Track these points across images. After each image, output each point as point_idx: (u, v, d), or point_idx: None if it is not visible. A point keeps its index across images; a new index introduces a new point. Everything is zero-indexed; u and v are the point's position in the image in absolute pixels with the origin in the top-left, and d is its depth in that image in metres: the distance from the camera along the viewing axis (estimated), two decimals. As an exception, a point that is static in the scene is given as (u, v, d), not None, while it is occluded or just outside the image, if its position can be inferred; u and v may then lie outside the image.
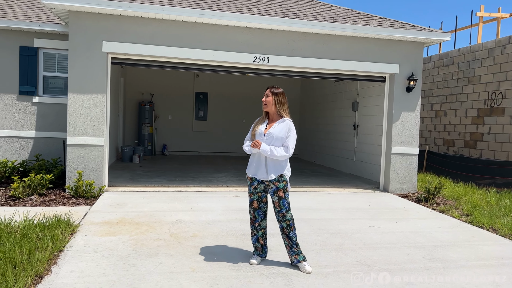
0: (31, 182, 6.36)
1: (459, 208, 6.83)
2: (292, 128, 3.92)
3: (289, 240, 3.96)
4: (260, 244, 4.08)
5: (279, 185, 3.89)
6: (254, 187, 3.98)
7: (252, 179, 3.97)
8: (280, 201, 3.90)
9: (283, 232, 3.97)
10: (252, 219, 4.07)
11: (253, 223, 4.07)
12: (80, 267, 3.74)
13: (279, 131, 3.87)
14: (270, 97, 3.93)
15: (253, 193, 4.01)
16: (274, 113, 3.96)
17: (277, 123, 3.93)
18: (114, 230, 4.90)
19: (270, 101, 3.92)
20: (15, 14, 8.55)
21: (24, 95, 8.41)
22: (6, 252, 3.70)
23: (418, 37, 7.83)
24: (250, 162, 4.01)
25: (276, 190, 3.89)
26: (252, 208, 4.04)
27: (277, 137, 3.85)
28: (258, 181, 3.95)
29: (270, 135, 3.87)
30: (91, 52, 6.85)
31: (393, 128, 8.11)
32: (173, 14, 6.81)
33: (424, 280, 3.81)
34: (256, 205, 4.02)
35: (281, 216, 3.93)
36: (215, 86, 14.09)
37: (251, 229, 4.11)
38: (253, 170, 3.94)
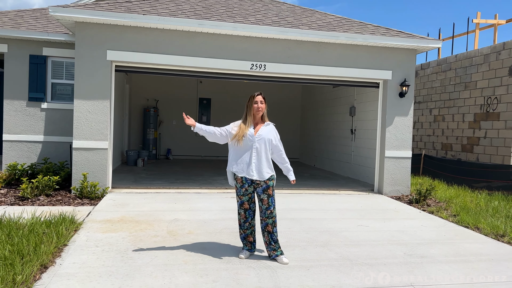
0: (39, 184, 6.73)
1: (448, 209, 7.06)
2: (276, 130, 4.41)
3: (270, 237, 4.23)
4: (249, 241, 4.36)
5: (269, 183, 4.20)
6: (245, 189, 4.23)
7: (242, 181, 4.20)
8: (269, 199, 4.20)
9: (266, 229, 4.24)
10: (242, 220, 4.31)
11: (243, 224, 4.32)
12: (82, 259, 4.07)
13: (267, 133, 4.25)
14: (264, 104, 4.29)
15: (243, 195, 4.26)
16: (259, 118, 4.31)
17: (263, 126, 4.30)
18: (115, 227, 5.23)
19: (264, 107, 4.30)
20: (26, 24, 8.99)
21: (34, 101, 8.82)
22: (14, 245, 4.05)
23: (410, 45, 8.11)
24: (239, 164, 4.21)
25: (266, 188, 4.19)
26: (243, 209, 4.29)
27: (267, 138, 4.21)
28: (249, 183, 4.21)
29: (261, 137, 4.21)
30: (96, 60, 7.24)
31: (386, 132, 8.37)
32: (173, 24, 7.18)
33: (400, 272, 4.07)
34: (247, 206, 4.29)
35: (268, 213, 4.22)
36: (218, 92, 14.45)
37: (240, 229, 4.36)
38: (247, 172, 4.16)
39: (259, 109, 4.26)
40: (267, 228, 4.25)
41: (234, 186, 4.33)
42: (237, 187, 4.29)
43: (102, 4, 7.53)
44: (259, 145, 4.19)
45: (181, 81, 13.97)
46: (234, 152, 4.28)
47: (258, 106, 4.26)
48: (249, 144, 4.20)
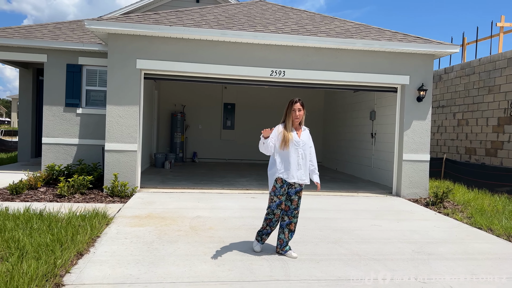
0: (74, 183, 7.31)
1: (464, 212, 7.16)
2: (310, 136, 4.69)
3: (290, 235, 4.53)
4: (267, 235, 4.62)
5: (303, 186, 4.54)
6: (284, 189, 4.45)
7: (283, 182, 4.41)
8: (299, 200, 4.54)
9: (289, 227, 4.53)
10: (275, 218, 4.48)
11: (274, 222, 4.50)
12: (112, 249, 4.53)
13: (307, 138, 4.58)
14: (302, 111, 4.54)
15: (282, 195, 4.45)
16: (298, 123, 4.58)
17: (302, 132, 4.60)
18: (142, 222, 5.69)
19: (302, 115, 4.55)
20: (63, 36, 9.72)
21: (70, 107, 9.52)
22: (54, 234, 4.55)
23: (427, 50, 8.26)
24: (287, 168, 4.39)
25: (300, 190, 4.52)
26: (280, 210, 4.47)
27: (307, 143, 4.54)
28: (288, 184, 4.46)
29: (304, 142, 4.51)
30: (127, 68, 7.79)
31: (404, 136, 8.53)
32: (197, 34, 7.66)
33: (405, 267, 4.31)
34: (283, 206, 4.50)
35: (295, 213, 4.54)
36: (242, 97, 14.90)
37: (267, 226, 4.53)
38: (294, 175, 4.39)
39: (297, 116, 4.48)
40: (289, 226, 4.54)
41: (273, 186, 4.47)
42: (276, 187, 4.43)
43: (132, 17, 8.10)
44: (303, 149, 4.47)
45: (207, 87, 14.50)
46: (280, 157, 4.43)
47: (296, 114, 4.47)
48: (294, 149, 4.42)
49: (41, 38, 9.37)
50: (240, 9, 9.67)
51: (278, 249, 4.60)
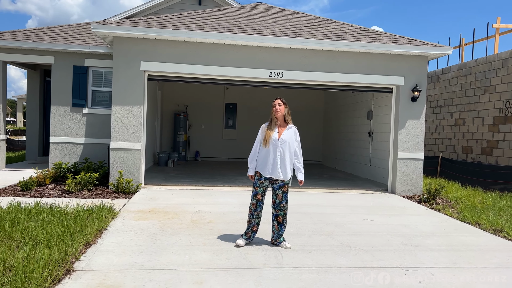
0: (81, 180, 7.65)
1: (455, 208, 7.44)
2: (297, 132, 4.87)
3: (279, 226, 4.83)
4: (253, 230, 4.89)
5: (286, 181, 4.79)
6: (261, 182, 4.81)
7: (260, 175, 4.80)
8: (283, 195, 4.82)
9: (277, 219, 4.84)
10: (252, 209, 4.87)
11: (253, 212, 4.87)
12: (118, 240, 4.85)
13: (290, 136, 4.78)
14: (282, 106, 4.80)
15: (259, 187, 4.82)
16: (282, 120, 4.82)
17: (286, 130, 4.81)
18: (146, 216, 6.02)
19: (283, 109, 4.79)
20: (70, 38, 10.07)
21: (76, 107, 9.86)
22: (65, 226, 4.89)
23: (421, 52, 8.54)
24: (263, 164, 4.73)
25: (283, 186, 4.80)
26: (256, 200, 4.86)
27: (289, 141, 4.76)
28: (265, 177, 4.80)
29: (284, 141, 4.76)
30: (131, 70, 8.12)
31: (399, 135, 8.81)
32: (199, 37, 7.97)
33: (391, 257, 4.61)
34: (259, 197, 4.87)
35: (281, 206, 4.83)
36: (243, 97, 15.21)
37: (249, 217, 4.89)
38: (270, 172, 4.70)
39: (277, 110, 4.78)
40: (277, 218, 4.84)
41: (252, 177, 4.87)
42: (254, 178, 4.86)
43: (137, 20, 8.43)
44: (282, 148, 4.73)
45: (209, 87, 14.83)
46: (261, 153, 4.79)
47: (276, 108, 4.79)
48: (274, 147, 4.73)
49: (48, 40, 9.72)
50: (240, 12, 9.99)
51: (272, 240, 4.91)
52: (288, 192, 4.91)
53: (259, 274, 3.96)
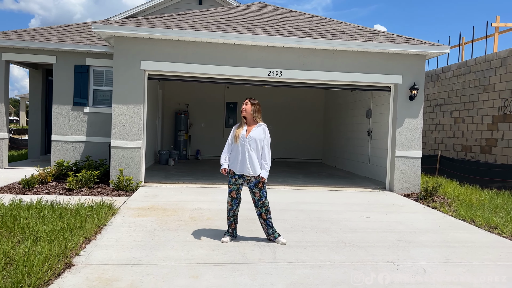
0: (82, 177, 7.76)
1: (452, 205, 7.51)
2: (267, 130, 4.88)
3: (265, 223, 4.89)
4: (231, 227, 4.97)
5: (259, 178, 4.81)
6: (235, 179, 4.86)
7: (233, 173, 4.85)
8: (261, 192, 4.84)
9: (261, 217, 4.89)
10: (228, 207, 4.94)
11: (229, 211, 4.93)
12: (117, 236, 4.95)
13: (258, 134, 4.82)
14: (249, 106, 4.87)
15: (233, 185, 4.88)
16: (251, 119, 4.89)
17: (255, 128, 4.86)
18: (145, 213, 6.12)
19: (249, 109, 4.86)
20: (71, 38, 10.18)
21: (78, 106, 9.98)
22: (65, 222, 4.99)
23: (419, 51, 8.60)
24: (234, 161, 4.82)
25: (257, 183, 4.82)
26: (230, 198, 4.90)
27: (256, 138, 4.80)
28: (238, 175, 4.84)
29: (251, 138, 4.81)
30: (131, 69, 8.22)
31: (397, 133, 8.88)
32: (198, 36, 8.06)
33: (385, 253, 4.69)
34: (234, 195, 4.90)
35: (261, 203, 4.87)
36: (244, 96, 15.19)
37: (228, 215, 4.96)
38: (239, 168, 4.79)
39: (243, 110, 4.87)
40: (262, 216, 4.90)
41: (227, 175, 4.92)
42: (228, 176, 4.88)
43: (137, 20, 8.52)
44: (249, 145, 4.78)
45: (210, 86, 14.91)
46: (232, 151, 4.88)
47: (242, 107, 4.89)
48: (241, 144, 4.80)
49: (50, 40, 9.83)
50: (240, 12, 10.07)
51: (268, 237, 4.99)
52: (266, 189, 4.90)
53: (254, 269, 4.05)
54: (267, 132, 4.90)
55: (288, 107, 15.45)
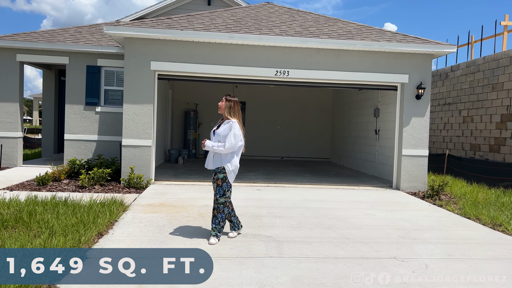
0: (94, 175, 7.98)
1: (458, 204, 7.56)
2: (234, 126, 4.73)
3: (213, 219, 4.88)
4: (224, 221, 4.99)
5: (219, 175, 4.86)
6: (212, 176, 4.98)
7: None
8: (217, 188, 4.88)
9: (213, 212, 4.92)
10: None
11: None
12: (128, 231, 5.13)
13: (223, 129, 4.84)
14: (223, 103, 4.91)
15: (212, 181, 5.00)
16: (225, 116, 4.95)
17: (223, 124, 4.90)
18: (155, 210, 6.29)
19: (223, 106, 4.90)
20: (83, 39, 10.42)
21: (89, 105, 10.22)
22: (78, 217, 5.19)
23: (425, 50, 8.64)
24: (207, 158, 4.95)
25: (216, 179, 4.89)
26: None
27: (222, 134, 4.80)
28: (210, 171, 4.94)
29: (217, 134, 4.88)
30: (142, 70, 8.41)
31: (403, 132, 8.94)
32: (206, 37, 8.22)
33: (388, 249, 4.79)
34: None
35: (214, 199, 4.91)
36: (252, 96, 15.43)
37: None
38: (206, 162, 4.94)
39: (219, 106, 4.94)
40: (213, 211, 4.92)
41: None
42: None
43: (147, 21, 8.71)
44: (217, 139, 4.83)
45: (218, 86, 15.05)
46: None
47: (218, 104, 4.95)
48: (212, 139, 4.92)
49: (63, 41, 10.08)
50: (248, 12, 10.21)
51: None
52: (223, 187, 4.87)
53: (259, 263, 4.19)
54: (234, 128, 4.74)
55: (296, 106, 15.54)
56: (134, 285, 3.55)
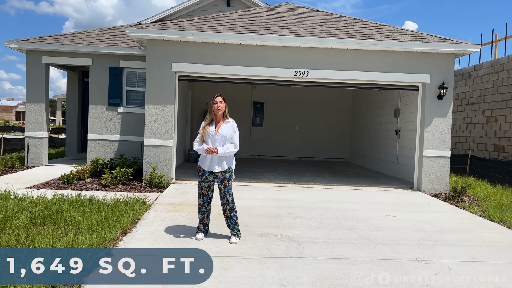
0: (117, 174, 8.16)
1: (481, 206, 7.42)
2: (235, 126, 4.88)
3: (229, 220, 4.93)
4: (202, 224, 5.04)
5: (226, 175, 4.87)
6: (205, 177, 4.90)
7: (204, 170, 4.86)
8: (225, 188, 4.89)
9: (225, 214, 4.95)
10: (201, 203, 4.93)
11: (200, 207, 4.93)
12: (151, 229, 5.24)
13: (227, 130, 4.85)
14: (224, 104, 4.93)
15: (203, 182, 4.86)
16: (221, 116, 4.88)
17: (224, 124, 4.85)
18: (177, 208, 6.40)
19: (224, 107, 4.92)
20: (106, 41, 10.65)
21: (112, 106, 10.44)
22: (103, 216, 5.33)
23: (448, 49, 8.52)
24: (204, 158, 4.84)
25: (223, 179, 4.88)
26: (202, 194, 4.96)
27: (226, 135, 4.83)
28: (209, 172, 4.88)
29: (221, 135, 4.84)
30: (163, 71, 8.55)
31: (425, 132, 8.82)
32: (227, 39, 8.30)
33: (410, 250, 4.76)
34: (205, 192, 4.96)
35: (225, 200, 4.91)
36: (270, 96, 15.47)
37: (198, 212, 4.98)
38: (208, 164, 4.80)
39: (218, 108, 4.82)
40: (225, 213, 4.96)
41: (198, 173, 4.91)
42: (199, 174, 4.89)
43: (168, 24, 8.85)
44: (219, 142, 4.82)
45: (237, 86, 15.16)
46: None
47: (218, 105, 4.82)
48: (211, 141, 4.79)
49: (87, 44, 10.33)
50: (267, 13, 10.25)
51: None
52: (231, 186, 4.92)
53: (280, 263, 4.23)
54: (236, 128, 4.87)
55: (314, 106, 15.50)
56: (158, 285, 3.63)
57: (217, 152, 4.72)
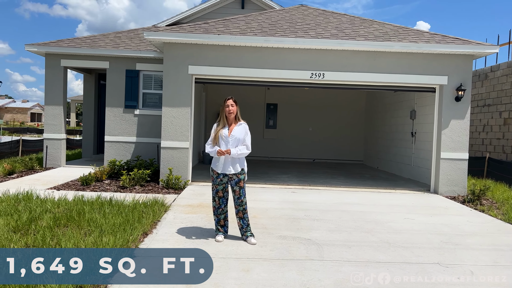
0: (134, 176, 8.25)
1: (501, 209, 7.33)
2: (247, 129, 4.97)
3: (241, 222, 4.98)
4: (220, 225, 5.08)
5: (241, 177, 4.93)
6: (220, 179, 4.93)
7: (218, 173, 4.91)
8: (240, 190, 4.94)
9: (238, 215, 5.00)
10: (216, 206, 5.00)
11: (217, 209, 5.01)
12: (171, 230, 5.30)
13: (239, 132, 4.91)
14: (235, 106, 4.99)
15: (218, 185, 4.94)
16: (233, 118, 4.94)
17: (236, 126, 4.92)
18: (195, 210, 6.46)
19: (235, 110, 4.99)
20: (123, 44, 10.79)
21: (129, 108, 10.56)
22: (124, 217, 5.41)
23: (465, 51, 8.43)
24: (217, 160, 4.90)
25: (238, 181, 4.93)
26: (218, 197, 5.02)
27: (239, 137, 4.89)
28: (223, 175, 4.93)
29: (234, 137, 4.90)
30: (180, 74, 8.63)
31: (442, 135, 8.74)
32: (243, 41, 8.35)
33: (430, 254, 4.73)
34: (221, 194, 5.02)
35: (240, 202, 4.96)
36: (284, 98, 15.48)
37: (214, 214, 5.04)
38: (222, 167, 4.86)
39: (230, 111, 4.88)
40: (238, 214, 5.00)
41: (211, 176, 5.00)
42: (213, 177, 4.97)
43: (185, 27, 8.93)
44: (232, 143, 4.87)
45: (251, 88, 15.19)
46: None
47: (229, 109, 4.88)
48: (224, 144, 4.83)
49: (104, 47, 10.48)
50: (282, 16, 10.27)
51: (241, 234, 5.06)
52: (245, 188, 4.97)
53: (301, 265, 4.24)
54: (248, 130, 4.98)
55: (328, 107, 15.46)
56: (181, 285, 3.68)
57: (230, 153, 4.77)
